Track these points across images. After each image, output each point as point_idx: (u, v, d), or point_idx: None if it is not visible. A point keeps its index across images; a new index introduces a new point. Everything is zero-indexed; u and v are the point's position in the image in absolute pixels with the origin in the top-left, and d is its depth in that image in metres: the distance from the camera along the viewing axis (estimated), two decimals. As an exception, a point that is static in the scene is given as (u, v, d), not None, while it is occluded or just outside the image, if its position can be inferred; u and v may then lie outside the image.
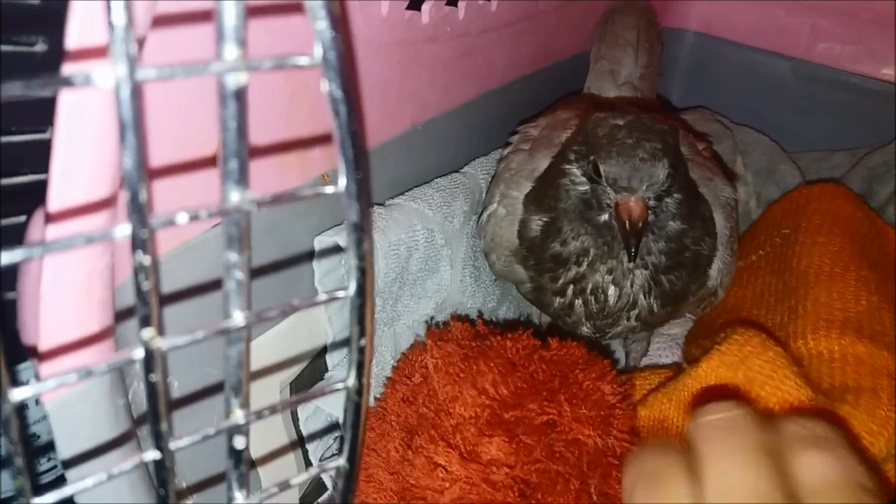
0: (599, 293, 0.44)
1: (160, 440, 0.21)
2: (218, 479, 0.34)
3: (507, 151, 0.54)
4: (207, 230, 0.34)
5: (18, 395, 0.18)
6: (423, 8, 0.44)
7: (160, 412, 0.21)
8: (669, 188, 0.41)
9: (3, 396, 0.18)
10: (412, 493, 0.37)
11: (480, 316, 0.56)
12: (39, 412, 0.41)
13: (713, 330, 0.50)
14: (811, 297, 0.48)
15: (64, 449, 0.27)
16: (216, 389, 0.35)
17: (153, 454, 0.21)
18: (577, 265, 0.44)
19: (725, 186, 0.50)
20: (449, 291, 0.51)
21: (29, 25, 0.37)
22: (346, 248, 0.22)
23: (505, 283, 0.56)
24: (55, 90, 0.22)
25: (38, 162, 0.25)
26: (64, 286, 0.25)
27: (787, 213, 0.58)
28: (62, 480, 0.24)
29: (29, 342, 0.27)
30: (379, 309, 0.45)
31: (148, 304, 0.19)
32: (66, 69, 0.22)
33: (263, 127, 0.35)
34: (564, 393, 0.37)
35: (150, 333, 0.19)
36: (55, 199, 0.24)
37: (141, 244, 0.18)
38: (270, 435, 0.41)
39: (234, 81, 0.18)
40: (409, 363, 0.43)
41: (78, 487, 0.20)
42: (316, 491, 0.45)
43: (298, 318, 0.41)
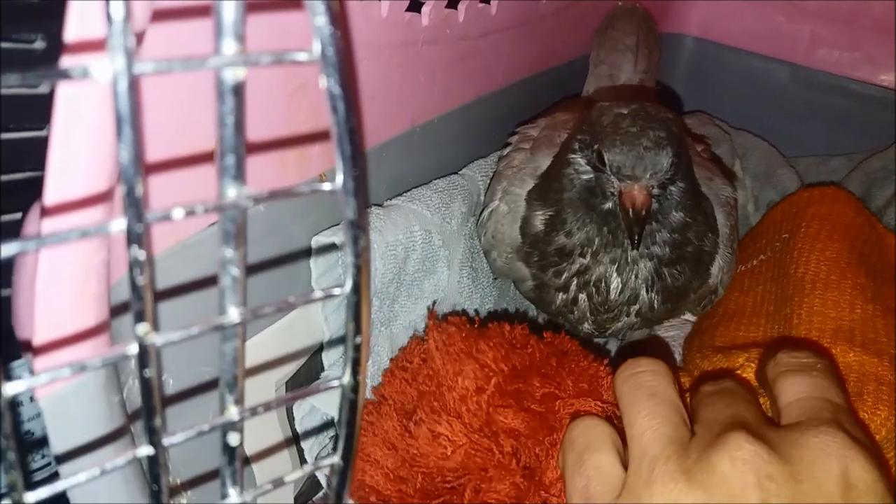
0: (602, 285, 0.45)
1: (154, 436, 0.21)
2: (212, 475, 0.34)
3: (507, 151, 0.54)
4: (204, 229, 0.34)
5: (11, 389, 0.18)
6: (423, 10, 0.44)
7: (154, 408, 0.21)
8: (673, 177, 0.41)
9: (-4, 390, 0.18)
10: (415, 462, 0.37)
11: (477, 314, 0.56)
12: (34, 409, 0.41)
13: (713, 337, 0.51)
14: (806, 305, 0.47)
15: (57, 444, 0.27)
16: (211, 387, 0.35)
17: (146, 450, 0.21)
18: (581, 256, 0.44)
19: (725, 186, 0.50)
20: (446, 292, 0.51)
21: (28, 22, 0.37)
22: (342, 245, 0.22)
23: (503, 284, 0.56)
24: (53, 83, 0.22)
25: (35, 159, 0.25)
26: (60, 281, 0.25)
27: (787, 216, 0.58)
28: (56, 477, 0.24)
29: (23, 337, 0.27)
30: (376, 309, 0.45)
31: (143, 299, 0.19)
32: (63, 62, 0.22)
33: (262, 124, 0.35)
34: (563, 370, 0.38)
35: (144, 329, 0.19)
36: (51, 192, 0.24)
37: (136, 238, 0.18)
38: (265, 432, 0.41)
39: (232, 76, 0.18)
40: (407, 352, 0.44)
41: (71, 482, 0.20)
42: (311, 489, 0.45)
43: (295, 316, 0.41)
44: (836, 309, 0.46)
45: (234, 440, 0.24)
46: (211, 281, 0.34)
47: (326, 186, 0.21)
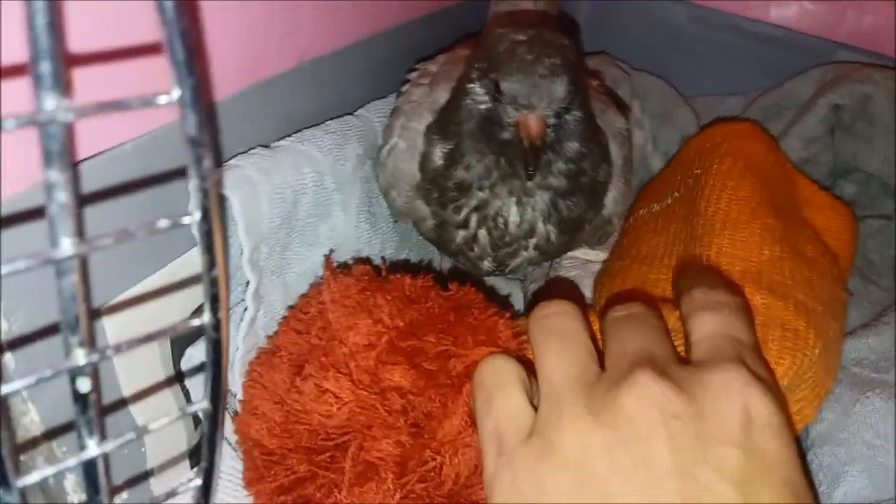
0: (500, 218, 0.44)
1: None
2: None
3: (405, 87, 0.52)
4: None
5: None
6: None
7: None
8: (569, 105, 0.41)
9: None
10: (300, 418, 0.36)
11: (384, 261, 0.55)
12: None
13: (625, 279, 0.51)
14: (715, 245, 0.47)
15: None
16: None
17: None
18: (479, 190, 0.44)
19: (618, 117, 0.50)
20: (344, 237, 0.49)
21: None
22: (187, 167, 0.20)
23: (404, 228, 0.55)
24: None
25: None
26: None
27: (701, 151, 0.57)
28: None
29: None
30: (265, 256, 0.42)
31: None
32: None
33: (120, 29, 0.32)
34: (461, 325, 0.37)
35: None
36: None
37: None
38: (146, 374, 0.39)
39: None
40: (306, 300, 0.42)
41: None
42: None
43: (183, 261, 0.39)
44: (744, 249, 0.46)
45: (84, 386, 0.22)
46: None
47: (162, 100, 0.19)
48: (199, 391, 0.41)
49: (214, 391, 0.24)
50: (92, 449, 0.22)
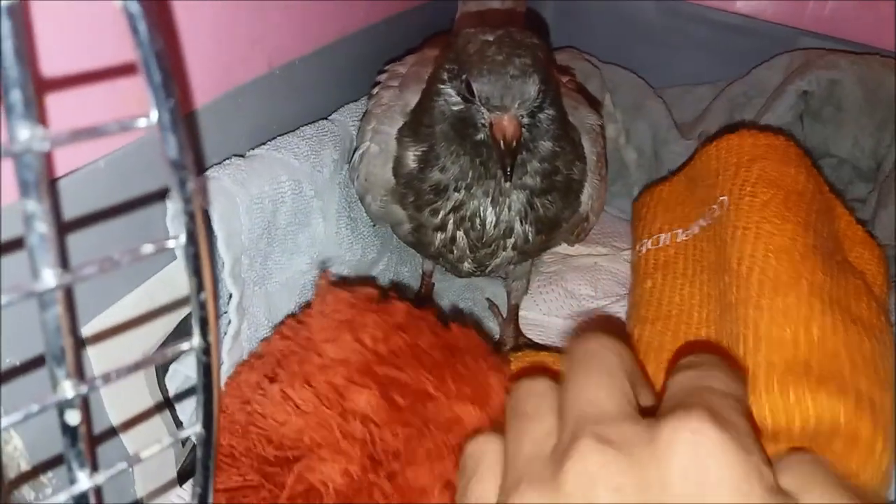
0: (477, 220, 0.44)
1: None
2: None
3: (375, 90, 0.51)
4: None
5: None
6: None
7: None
8: (542, 104, 0.41)
9: None
10: (256, 420, 0.35)
11: (418, 295, 0.55)
12: None
13: (663, 339, 0.45)
14: (752, 321, 0.39)
15: None
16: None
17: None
18: (456, 191, 0.43)
19: (590, 114, 0.50)
20: (324, 245, 0.49)
21: None
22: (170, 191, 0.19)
23: (384, 232, 0.54)
24: None
25: None
26: None
27: (726, 167, 0.49)
28: None
29: None
30: (247, 268, 0.42)
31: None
32: None
33: (87, 54, 0.31)
34: (448, 368, 0.36)
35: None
36: None
37: None
38: (135, 405, 0.38)
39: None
40: (304, 308, 0.42)
41: None
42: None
43: (156, 281, 0.38)
44: (788, 327, 0.38)
45: (72, 419, 0.21)
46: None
47: (141, 123, 0.18)
48: (186, 408, 0.41)
49: (207, 415, 0.23)
50: (83, 482, 0.22)
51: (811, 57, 0.63)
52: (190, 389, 0.40)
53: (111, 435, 0.36)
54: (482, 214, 0.44)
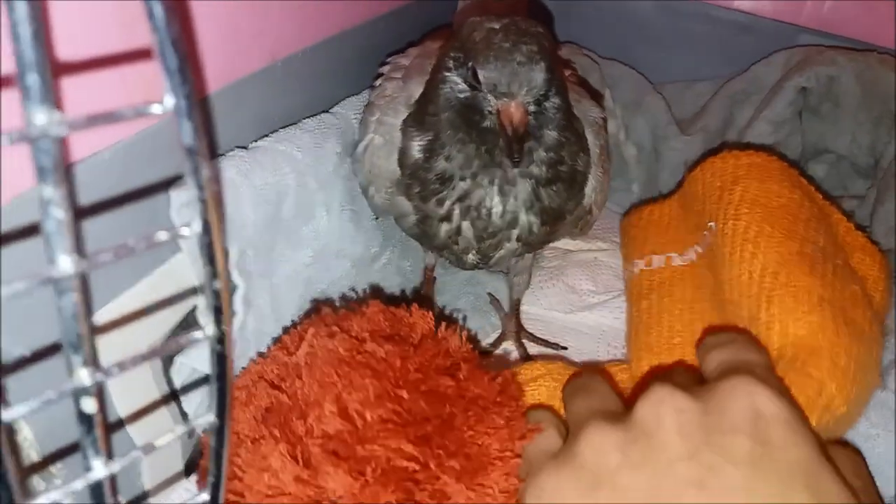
0: (483, 209, 0.44)
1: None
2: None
3: (378, 81, 0.51)
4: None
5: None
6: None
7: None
8: (548, 92, 0.41)
9: None
10: (232, 483, 0.33)
11: (417, 295, 0.54)
12: None
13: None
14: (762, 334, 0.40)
15: None
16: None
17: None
18: (461, 180, 0.43)
19: (593, 107, 0.50)
20: (328, 238, 0.49)
21: None
22: (185, 178, 0.19)
23: (387, 225, 0.54)
24: None
25: None
26: None
27: (711, 189, 0.50)
28: None
29: None
30: (252, 260, 0.42)
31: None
32: None
33: (96, 38, 0.31)
34: (438, 439, 0.34)
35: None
36: None
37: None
38: (141, 395, 0.38)
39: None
40: (293, 336, 0.40)
41: None
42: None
43: (166, 269, 0.38)
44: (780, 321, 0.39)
45: (88, 406, 0.21)
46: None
47: (156, 109, 0.18)
48: (192, 401, 0.41)
49: (221, 405, 0.23)
50: (98, 470, 0.22)
51: (810, 54, 0.63)
52: (195, 382, 0.40)
53: (117, 426, 0.36)
54: (488, 204, 0.44)
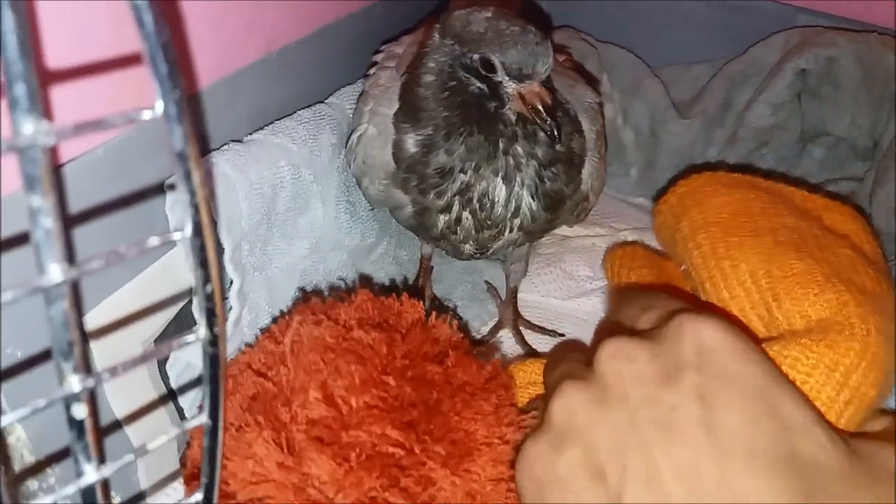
0: (486, 200, 0.44)
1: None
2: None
3: (372, 70, 0.51)
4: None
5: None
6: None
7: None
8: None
9: None
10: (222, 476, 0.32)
11: (406, 284, 0.54)
12: None
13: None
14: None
15: None
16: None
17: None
18: (462, 172, 0.43)
19: (588, 92, 0.50)
20: (324, 230, 0.48)
21: None
22: (175, 183, 0.19)
23: (383, 216, 0.54)
24: None
25: None
26: None
27: (665, 238, 0.50)
28: None
29: None
30: (247, 253, 0.42)
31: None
32: None
33: (84, 45, 0.31)
34: (424, 425, 0.34)
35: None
36: None
37: None
38: (137, 395, 0.38)
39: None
40: (281, 326, 0.40)
41: None
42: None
43: (158, 267, 0.38)
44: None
45: (79, 412, 0.21)
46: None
47: (146, 115, 0.18)
48: (188, 398, 0.41)
49: (213, 406, 0.23)
50: (90, 475, 0.22)
51: (809, 35, 0.63)
52: (192, 382, 0.40)
53: (114, 425, 0.36)
54: (491, 194, 0.44)
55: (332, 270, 0.49)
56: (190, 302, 0.40)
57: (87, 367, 0.21)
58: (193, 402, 0.41)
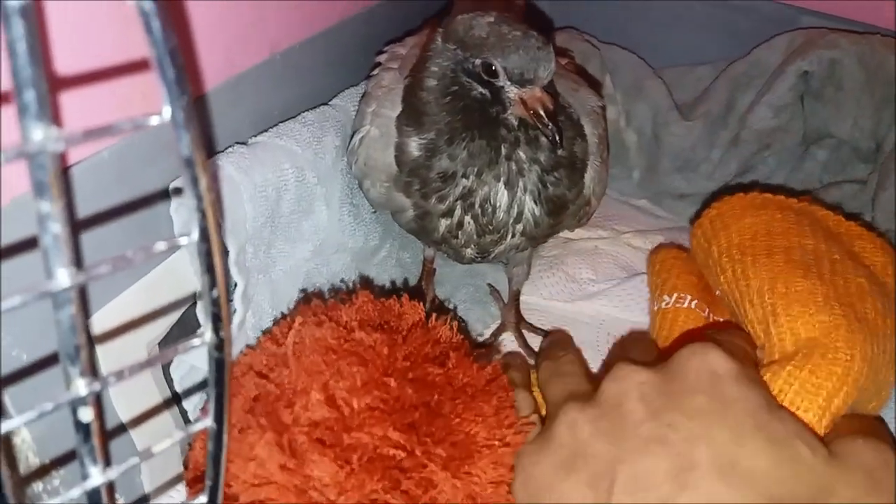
0: (488, 205, 0.44)
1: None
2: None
3: (376, 71, 0.51)
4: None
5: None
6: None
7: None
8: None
9: None
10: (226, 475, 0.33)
11: (408, 287, 0.54)
12: None
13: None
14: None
15: None
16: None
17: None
18: (464, 177, 0.43)
19: (591, 96, 0.50)
20: (327, 232, 0.49)
21: None
22: (183, 188, 0.19)
23: (387, 218, 0.54)
24: None
25: None
26: None
27: (703, 263, 0.50)
28: None
29: None
30: (251, 256, 0.42)
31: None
32: None
33: (90, 51, 0.31)
34: (425, 427, 0.34)
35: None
36: None
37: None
38: (141, 397, 0.38)
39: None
40: (283, 328, 0.39)
41: None
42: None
43: (162, 270, 0.38)
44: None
45: (85, 416, 0.21)
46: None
47: (154, 121, 0.18)
48: (193, 401, 0.41)
49: (218, 410, 0.23)
50: (96, 477, 0.22)
51: (812, 36, 0.63)
52: (196, 385, 0.40)
53: (118, 427, 0.36)
54: (493, 200, 0.44)
55: (335, 273, 0.49)
56: (194, 304, 0.40)
57: (93, 370, 0.21)
58: (197, 404, 0.41)
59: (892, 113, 0.60)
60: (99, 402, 0.22)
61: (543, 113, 0.39)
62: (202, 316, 0.40)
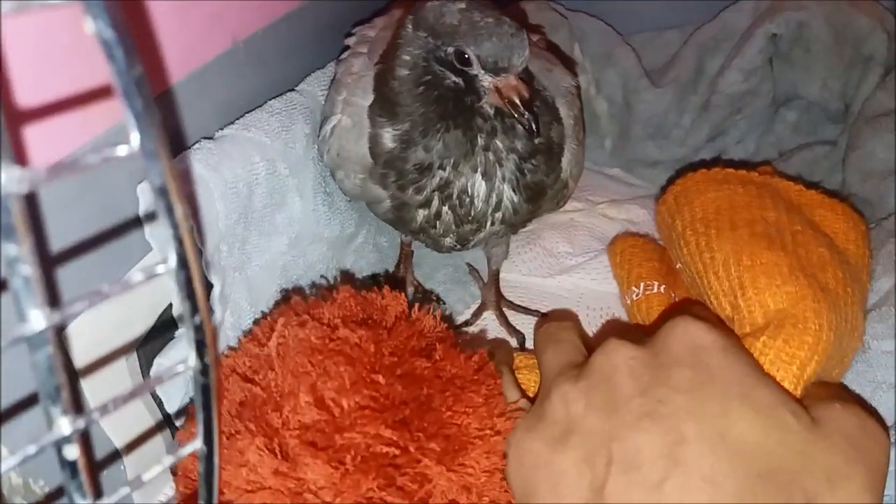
0: (465, 196, 0.43)
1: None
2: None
3: (345, 55, 0.50)
4: None
5: None
6: None
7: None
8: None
9: None
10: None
11: (387, 276, 0.53)
12: None
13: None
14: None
15: None
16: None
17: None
18: (441, 169, 0.43)
19: (566, 76, 0.49)
20: (302, 223, 0.48)
21: None
22: (157, 216, 0.18)
23: (361, 205, 0.53)
24: None
25: None
26: None
27: (665, 236, 0.51)
28: None
29: None
30: (225, 255, 0.41)
31: None
32: None
33: (48, 82, 0.29)
34: (417, 422, 0.34)
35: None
36: None
37: None
38: (132, 420, 0.37)
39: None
40: (264, 328, 0.39)
41: None
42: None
43: (145, 264, 0.37)
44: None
45: (71, 454, 0.20)
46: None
47: (122, 152, 0.17)
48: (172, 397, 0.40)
49: (207, 433, 0.23)
50: (87, 510, 0.21)
51: (779, -2, 0.62)
52: (179, 386, 0.39)
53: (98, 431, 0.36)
54: (471, 191, 0.43)
55: (312, 264, 0.49)
56: (171, 306, 0.39)
57: (77, 406, 0.20)
58: (183, 397, 0.40)
59: (860, 73, 0.60)
60: (85, 434, 0.21)
61: (519, 101, 0.39)
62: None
